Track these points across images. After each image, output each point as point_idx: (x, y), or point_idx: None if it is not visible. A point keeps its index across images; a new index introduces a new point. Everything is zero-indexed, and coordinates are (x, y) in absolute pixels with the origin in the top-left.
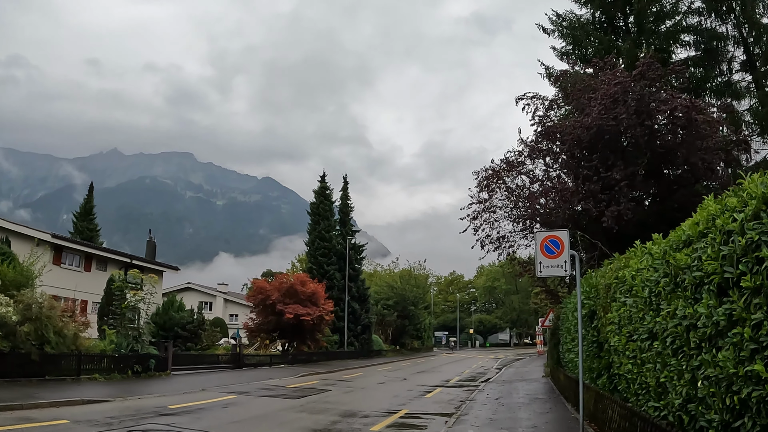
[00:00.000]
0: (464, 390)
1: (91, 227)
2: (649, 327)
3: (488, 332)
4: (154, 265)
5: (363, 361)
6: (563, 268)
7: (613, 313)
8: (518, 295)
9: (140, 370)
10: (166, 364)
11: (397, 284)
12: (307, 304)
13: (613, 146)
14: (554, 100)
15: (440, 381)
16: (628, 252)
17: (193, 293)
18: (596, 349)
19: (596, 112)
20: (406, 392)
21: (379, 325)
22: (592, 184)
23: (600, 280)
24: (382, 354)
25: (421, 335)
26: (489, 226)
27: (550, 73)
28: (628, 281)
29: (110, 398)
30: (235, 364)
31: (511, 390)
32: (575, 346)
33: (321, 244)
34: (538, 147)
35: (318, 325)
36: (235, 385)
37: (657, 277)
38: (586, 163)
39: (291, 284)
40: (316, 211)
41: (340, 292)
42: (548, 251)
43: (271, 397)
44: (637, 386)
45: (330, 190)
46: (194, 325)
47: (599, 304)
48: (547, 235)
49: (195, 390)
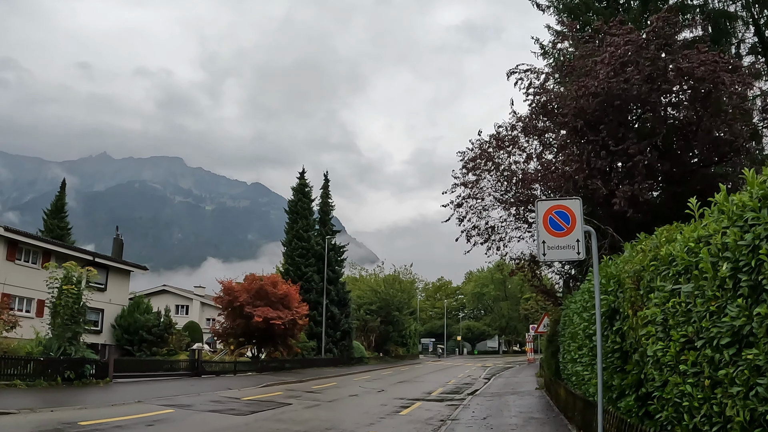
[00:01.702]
0: (447, 405)
1: (62, 225)
2: (733, 325)
3: (476, 339)
4: (120, 264)
5: (341, 370)
6: (575, 250)
7: (651, 310)
8: (507, 302)
9: (73, 376)
10: (107, 370)
11: (380, 288)
12: (279, 307)
13: (623, 116)
14: (551, 72)
15: (421, 393)
16: (659, 230)
17: (169, 296)
18: (618, 360)
19: (603, 74)
20: (378, 407)
21: (362, 331)
22: (600, 160)
23: (625, 268)
24: (364, 361)
25: (407, 342)
26: (476, 216)
27: (546, 51)
28: (681, 259)
29: (15, 410)
30: (193, 372)
31: (501, 406)
32: (582, 356)
33: (298, 244)
34: (533, 124)
35: (291, 330)
36: (180, 397)
37: (751, 239)
38: (591, 137)
39: (261, 285)
40: (294, 210)
41: (318, 296)
42: (554, 226)
43: (216, 412)
44: (702, 419)
45: (309, 187)
46: (160, 328)
47: (625, 299)
48: (553, 205)
49: (129, 401)
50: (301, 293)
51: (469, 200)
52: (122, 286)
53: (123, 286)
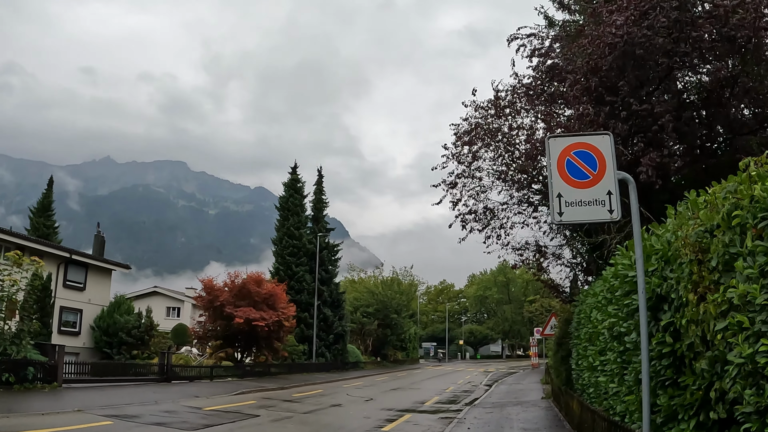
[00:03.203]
0: (440, 418)
1: (49, 224)
2: None
3: (479, 343)
4: (101, 262)
5: (332, 375)
6: (606, 207)
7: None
8: (511, 305)
9: (13, 380)
10: (55, 373)
11: (378, 290)
12: (263, 308)
13: (645, 73)
14: (557, 37)
15: (413, 403)
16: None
17: (160, 298)
18: (668, 369)
19: (622, 20)
20: (360, 421)
21: (358, 334)
22: (620, 123)
23: (677, 235)
24: (359, 366)
25: (406, 346)
26: (473, 199)
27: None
28: None
29: None
30: (162, 377)
31: (502, 420)
32: (606, 363)
33: (289, 242)
34: (541, 88)
35: (276, 333)
36: (132, 406)
37: None
38: (609, 97)
39: (243, 283)
40: (285, 206)
41: (310, 297)
42: (575, 173)
43: (162, 425)
44: None
45: (302, 183)
46: (141, 330)
47: (681, 279)
48: (573, 143)
49: (67, 410)
50: (292, 294)
51: (464, 179)
52: (103, 285)
53: (103, 286)
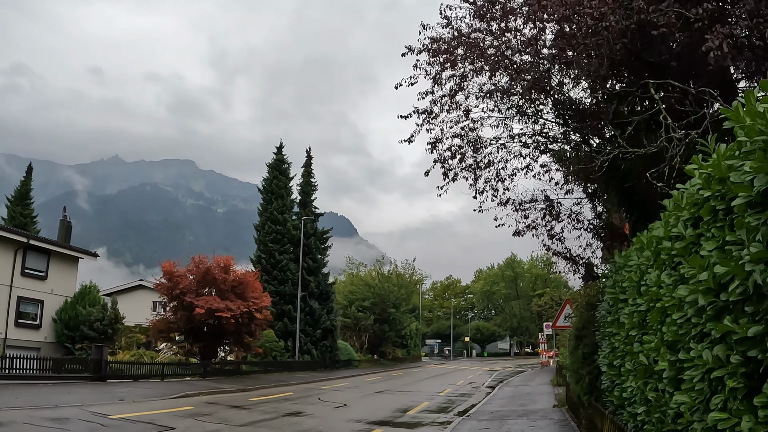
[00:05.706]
0: None
1: (26, 213)
2: None
3: (486, 341)
4: (65, 249)
5: (316, 375)
6: None
7: None
8: (519, 301)
9: None
10: None
11: (374, 282)
12: (231, 297)
13: None
14: None
15: (393, 411)
16: None
17: (146, 292)
18: None
19: None
20: None
21: (353, 330)
22: None
23: None
24: (352, 365)
25: (407, 343)
26: (459, 139)
27: None
28: None
29: None
30: (96, 375)
31: None
32: (675, 366)
33: (272, 228)
34: None
35: (247, 326)
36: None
37: None
38: None
39: (207, 268)
40: (269, 188)
41: (295, 287)
42: None
43: None
44: None
45: (288, 164)
46: (104, 323)
47: None
48: None
49: None
50: (275, 284)
51: (445, 107)
52: (68, 274)
53: (69, 275)
